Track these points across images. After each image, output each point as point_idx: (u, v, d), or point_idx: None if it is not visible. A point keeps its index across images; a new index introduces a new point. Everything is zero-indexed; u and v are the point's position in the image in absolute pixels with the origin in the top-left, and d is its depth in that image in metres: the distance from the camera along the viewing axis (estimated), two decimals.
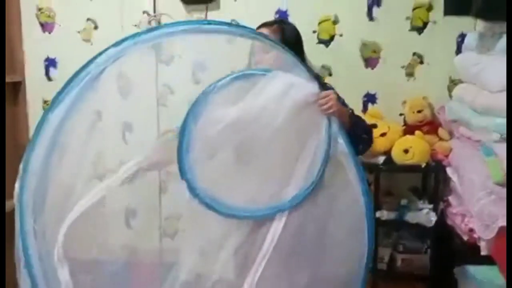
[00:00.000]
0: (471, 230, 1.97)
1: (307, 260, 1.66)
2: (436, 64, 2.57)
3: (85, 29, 2.79)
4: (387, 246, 2.49)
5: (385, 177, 2.48)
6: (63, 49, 2.82)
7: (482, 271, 2.06)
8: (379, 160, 2.39)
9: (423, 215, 2.30)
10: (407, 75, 2.60)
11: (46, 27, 2.82)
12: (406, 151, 2.33)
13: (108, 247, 2.56)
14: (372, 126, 2.45)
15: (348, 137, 1.61)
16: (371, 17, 2.58)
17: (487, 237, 1.85)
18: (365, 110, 2.64)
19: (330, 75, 2.63)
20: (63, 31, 2.81)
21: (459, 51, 2.49)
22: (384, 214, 2.36)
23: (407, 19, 2.56)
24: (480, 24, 2.28)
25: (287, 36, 1.77)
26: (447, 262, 2.28)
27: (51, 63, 2.85)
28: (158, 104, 2.53)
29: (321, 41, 2.62)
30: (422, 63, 2.58)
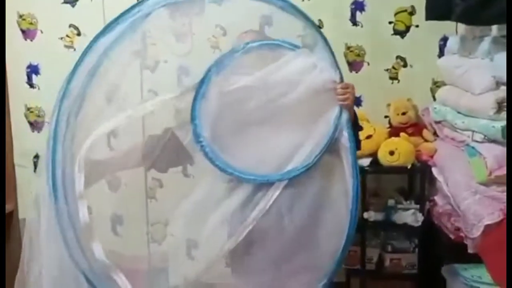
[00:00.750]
0: (458, 229, 2.01)
1: (294, 245, 1.70)
2: (419, 67, 2.61)
3: (67, 36, 2.76)
4: (376, 246, 2.51)
5: (371, 178, 2.51)
6: (46, 55, 2.78)
7: (469, 269, 2.10)
8: (365, 162, 2.41)
9: (410, 215, 2.33)
10: (391, 78, 2.64)
11: (28, 34, 2.78)
12: (391, 153, 2.36)
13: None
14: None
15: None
16: (354, 22, 2.62)
17: (473, 236, 1.89)
18: None
19: None
20: (45, 38, 2.78)
21: (441, 54, 2.54)
22: (371, 215, 2.39)
23: (390, 23, 2.60)
24: (461, 27, 2.33)
25: None
26: (435, 261, 2.31)
27: (33, 70, 2.81)
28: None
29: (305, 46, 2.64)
30: (405, 66, 2.62)
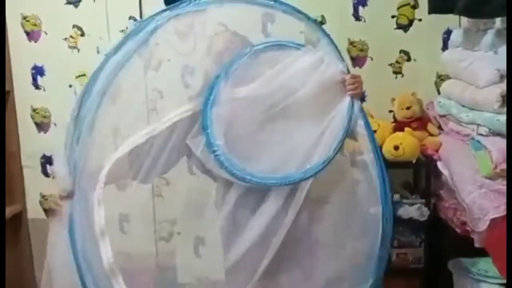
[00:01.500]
0: (464, 223, 2.01)
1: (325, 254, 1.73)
2: (423, 60, 2.61)
3: (71, 36, 2.78)
4: None
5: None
6: (50, 57, 2.79)
7: (476, 263, 2.10)
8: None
9: (415, 210, 2.34)
10: (395, 73, 2.63)
11: (32, 35, 2.79)
12: (396, 148, 2.36)
13: None
14: None
15: None
16: (357, 17, 2.61)
17: (479, 230, 1.89)
18: None
19: None
20: (49, 39, 2.79)
21: (445, 47, 2.53)
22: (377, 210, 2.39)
23: (393, 17, 2.59)
24: (464, 20, 2.32)
25: None
26: (442, 255, 2.31)
27: (38, 71, 2.83)
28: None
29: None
30: (409, 60, 2.62)
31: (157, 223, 2.87)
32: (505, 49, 1.95)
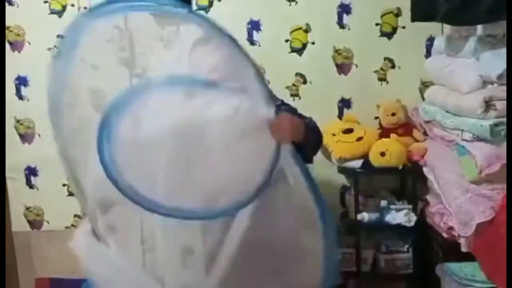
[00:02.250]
0: (450, 228, 2.03)
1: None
2: (407, 67, 2.64)
3: (55, 46, 2.75)
4: (370, 248, 2.52)
5: (363, 180, 2.52)
6: (34, 67, 2.76)
7: (463, 268, 2.11)
8: (357, 164, 2.43)
9: (403, 216, 2.35)
10: (380, 80, 2.66)
11: (15, 45, 2.76)
12: (382, 154, 2.38)
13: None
14: (348, 130, 2.50)
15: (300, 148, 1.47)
16: (341, 25, 2.63)
17: (465, 234, 1.91)
18: (340, 115, 2.68)
19: (304, 83, 2.67)
20: (33, 49, 2.76)
21: (428, 54, 2.56)
22: (364, 216, 2.40)
23: (377, 25, 2.62)
24: (447, 27, 2.35)
25: None
26: (429, 260, 2.33)
27: (21, 81, 2.80)
28: None
29: (294, 50, 2.66)
30: (393, 67, 2.64)
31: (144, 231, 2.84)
32: (486, 55, 1.99)
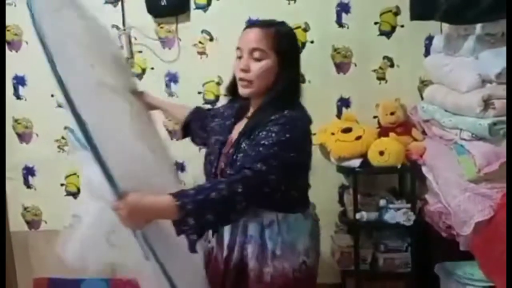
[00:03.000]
0: (449, 227, 2.02)
1: None
2: (406, 66, 2.64)
3: None
4: (369, 247, 2.53)
5: (362, 179, 2.52)
6: (31, 66, 2.75)
7: (461, 267, 2.12)
8: (356, 163, 2.43)
9: (402, 215, 2.35)
10: (379, 79, 2.66)
11: (12, 45, 2.76)
12: (381, 153, 2.37)
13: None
14: (347, 130, 2.50)
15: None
16: (340, 24, 2.63)
17: (464, 233, 1.90)
18: (339, 114, 2.69)
19: (303, 82, 2.66)
20: (30, 48, 2.75)
21: (427, 53, 2.56)
22: (363, 215, 2.40)
23: (376, 24, 2.62)
24: (446, 26, 2.35)
25: (281, 46, 1.46)
26: (428, 259, 2.33)
27: (19, 81, 2.79)
28: None
29: None
30: (392, 66, 2.64)
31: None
32: (485, 54, 1.98)
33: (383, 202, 2.43)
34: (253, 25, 1.50)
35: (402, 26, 2.60)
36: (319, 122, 1.71)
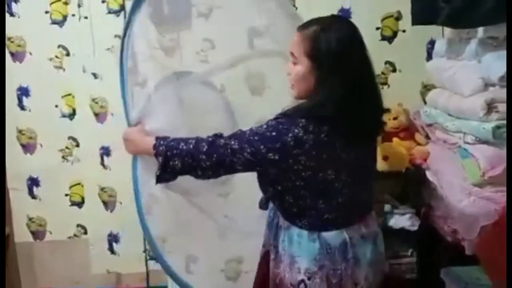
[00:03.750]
0: (454, 231, 2.01)
1: None
2: (408, 71, 2.64)
3: (56, 56, 2.76)
4: None
5: None
6: (35, 77, 2.77)
7: (467, 271, 2.10)
8: None
9: (406, 220, 2.34)
10: (381, 84, 2.65)
11: (16, 56, 2.77)
12: (385, 158, 2.36)
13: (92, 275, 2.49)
14: None
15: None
16: None
17: (470, 237, 1.89)
18: None
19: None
20: (34, 60, 2.77)
21: (429, 57, 2.56)
22: None
23: (377, 29, 2.62)
24: (448, 30, 2.35)
25: (311, 51, 1.37)
26: (434, 264, 2.31)
27: (23, 92, 2.80)
28: None
29: None
30: (394, 71, 2.64)
31: (147, 242, 2.84)
32: (488, 57, 1.98)
33: (387, 207, 2.42)
34: (299, 26, 1.45)
35: (403, 31, 2.60)
36: None
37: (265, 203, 1.59)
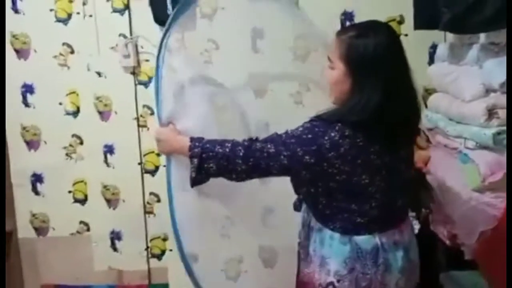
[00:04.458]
0: (454, 236, 2.02)
1: None
2: None
3: (61, 54, 2.78)
4: None
5: None
6: (40, 74, 2.79)
7: (466, 276, 2.11)
8: None
9: None
10: None
11: (21, 53, 2.79)
12: None
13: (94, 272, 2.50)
14: None
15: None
16: None
17: (469, 242, 1.90)
18: None
19: (308, 90, 2.67)
20: (39, 57, 2.78)
21: (431, 61, 2.57)
22: None
23: None
24: (450, 35, 2.36)
25: (346, 56, 1.39)
26: (433, 268, 2.32)
27: (28, 89, 2.82)
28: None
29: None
30: None
31: (149, 240, 2.87)
32: (489, 63, 1.98)
33: None
34: (338, 31, 1.47)
35: (406, 34, 2.60)
36: None
37: (299, 205, 1.61)
